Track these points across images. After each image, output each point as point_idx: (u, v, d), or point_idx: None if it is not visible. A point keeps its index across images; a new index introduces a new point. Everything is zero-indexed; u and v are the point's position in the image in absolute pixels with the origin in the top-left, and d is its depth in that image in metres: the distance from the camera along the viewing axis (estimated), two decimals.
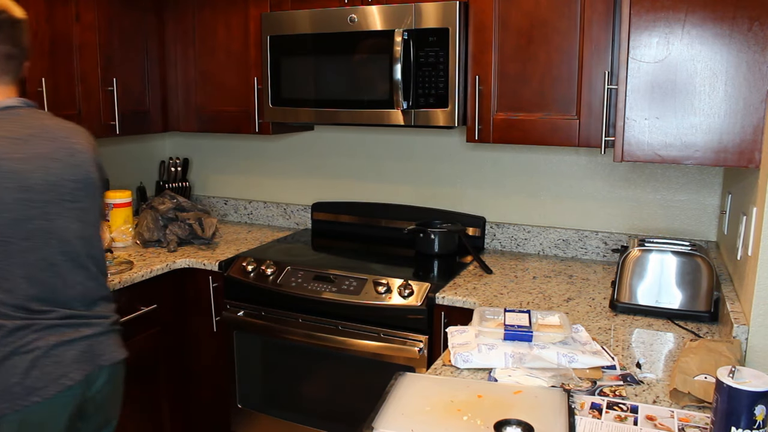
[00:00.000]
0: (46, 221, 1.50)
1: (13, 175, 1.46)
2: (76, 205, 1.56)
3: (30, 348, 1.46)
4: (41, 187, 1.49)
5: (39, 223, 1.49)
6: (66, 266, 1.55)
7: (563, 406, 1.34)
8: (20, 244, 1.47)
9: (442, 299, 2.16)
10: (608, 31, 2.13)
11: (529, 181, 2.71)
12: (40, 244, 1.49)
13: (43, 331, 1.48)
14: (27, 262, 1.48)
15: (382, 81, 2.38)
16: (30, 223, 1.48)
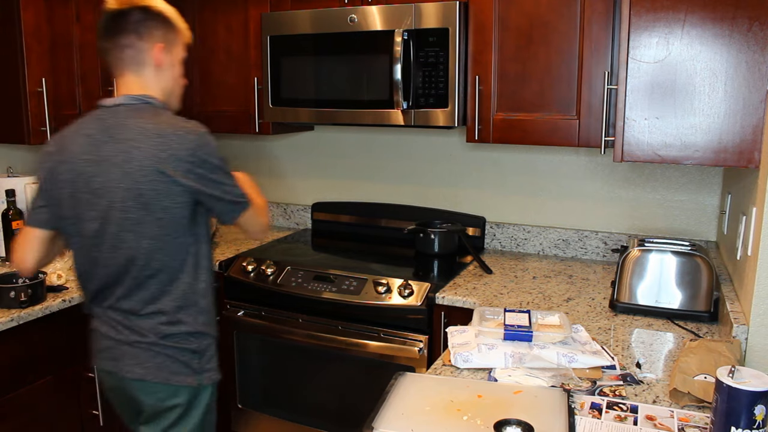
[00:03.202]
0: (103, 225, 1.53)
1: (83, 176, 1.53)
2: (127, 215, 1.51)
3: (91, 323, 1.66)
4: (101, 192, 1.52)
5: (97, 225, 1.54)
6: (119, 270, 1.56)
7: (563, 406, 1.34)
8: (85, 240, 1.56)
9: (442, 299, 2.16)
10: (608, 31, 2.13)
11: (529, 181, 2.71)
12: (98, 243, 1.55)
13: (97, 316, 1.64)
14: (89, 258, 1.58)
15: (382, 81, 2.39)
16: (92, 222, 1.54)
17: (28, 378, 2.05)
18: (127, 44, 1.55)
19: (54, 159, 1.57)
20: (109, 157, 1.51)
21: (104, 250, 1.55)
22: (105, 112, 1.57)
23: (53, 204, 1.58)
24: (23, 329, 2.00)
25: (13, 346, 1.99)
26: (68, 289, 2.18)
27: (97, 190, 1.52)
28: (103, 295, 1.60)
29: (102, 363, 1.63)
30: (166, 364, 1.56)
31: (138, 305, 1.56)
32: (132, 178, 1.49)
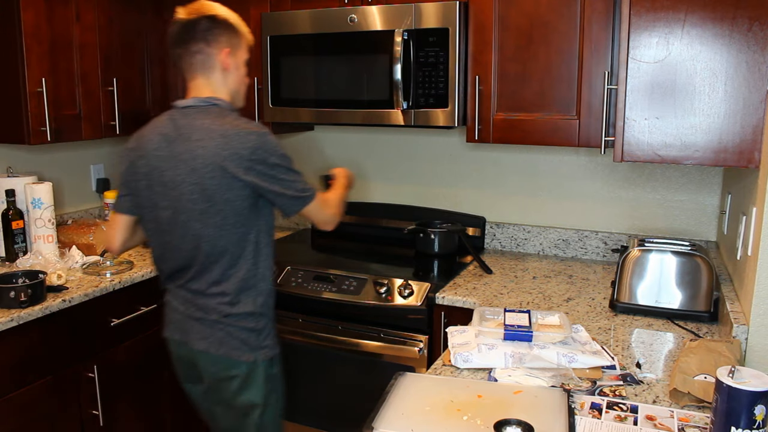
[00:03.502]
0: (174, 213, 1.72)
1: (156, 170, 1.72)
2: (195, 206, 1.69)
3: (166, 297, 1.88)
4: (171, 184, 1.70)
5: (169, 213, 1.73)
6: (189, 254, 1.74)
7: (563, 406, 1.34)
8: (160, 225, 1.76)
9: (442, 299, 2.16)
10: (608, 31, 2.13)
11: (529, 181, 2.71)
12: (169, 228, 1.74)
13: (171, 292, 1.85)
14: (163, 242, 1.78)
15: (382, 81, 2.39)
16: (164, 211, 1.73)
17: (28, 378, 2.05)
18: (197, 50, 1.72)
19: (133, 154, 1.78)
20: (178, 154, 1.69)
21: (176, 236, 1.74)
22: (177, 113, 1.75)
23: (134, 194, 1.80)
24: (23, 329, 2.00)
25: (13, 346, 1.99)
26: (68, 289, 2.18)
27: (168, 182, 1.71)
28: (176, 276, 1.80)
29: (173, 333, 1.84)
30: (226, 340, 1.74)
31: (204, 286, 1.74)
32: (198, 174, 1.66)
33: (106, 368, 2.31)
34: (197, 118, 1.70)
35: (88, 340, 2.25)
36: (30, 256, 2.35)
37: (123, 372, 2.40)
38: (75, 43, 2.50)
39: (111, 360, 2.33)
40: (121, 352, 2.38)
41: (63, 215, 2.83)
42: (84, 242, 2.58)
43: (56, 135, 2.43)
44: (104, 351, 2.31)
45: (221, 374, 1.76)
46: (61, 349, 2.15)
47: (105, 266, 2.40)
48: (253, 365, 1.75)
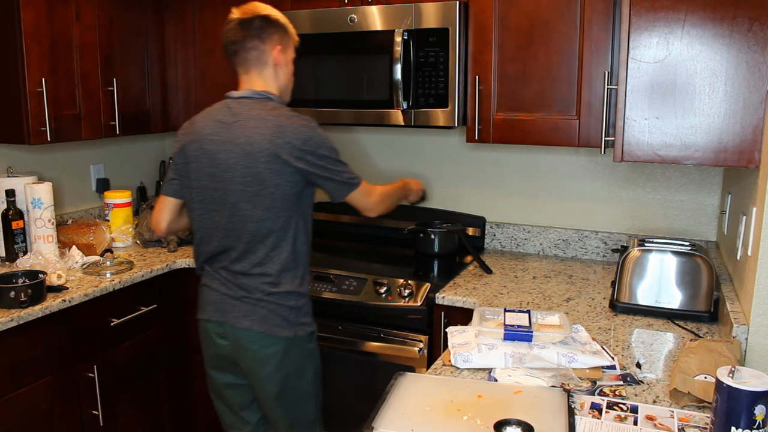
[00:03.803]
0: (224, 194, 1.82)
1: (209, 153, 1.82)
2: (247, 188, 1.79)
3: (202, 280, 1.94)
4: (223, 167, 1.81)
5: (220, 195, 1.83)
6: (235, 235, 1.83)
7: (563, 406, 1.34)
8: (207, 206, 1.86)
9: (442, 299, 2.16)
10: (608, 31, 2.13)
11: (529, 181, 2.71)
12: (218, 209, 1.84)
13: (208, 274, 1.92)
14: (208, 223, 1.87)
15: (382, 81, 2.39)
16: (215, 192, 1.83)
17: (28, 378, 2.05)
18: (252, 47, 1.84)
19: (185, 138, 1.88)
20: (233, 138, 1.79)
21: (224, 216, 1.83)
22: (232, 102, 1.86)
23: (183, 176, 1.90)
24: (23, 329, 2.00)
25: (13, 346, 1.99)
26: (68, 289, 2.18)
27: (220, 165, 1.81)
28: (219, 257, 1.87)
29: (211, 314, 1.89)
30: (269, 317, 1.83)
31: (247, 267, 1.83)
32: (252, 158, 1.77)
33: (106, 368, 2.31)
34: (253, 108, 1.83)
35: (88, 340, 2.25)
36: (30, 256, 2.35)
37: (123, 372, 2.40)
38: (75, 43, 2.50)
39: (111, 360, 2.33)
40: (121, 352, 2.39)
41: (63, 215, 2.83)
42: (84, 242, 2.58)
43: (56, 135, 2.43)
44: (104, 351, 2.31)
45: (261, 352, 1.84)
46: (61, 349, 2.15)
47: (105, 266, 2.40)
48: (293, 340, 1.85)
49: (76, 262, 2.44)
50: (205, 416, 2.76)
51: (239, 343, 1.85)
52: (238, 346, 1.86)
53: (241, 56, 1.85)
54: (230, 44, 1.85)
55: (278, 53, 1.86)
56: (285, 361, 1.86)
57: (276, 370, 1.85)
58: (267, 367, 1.85)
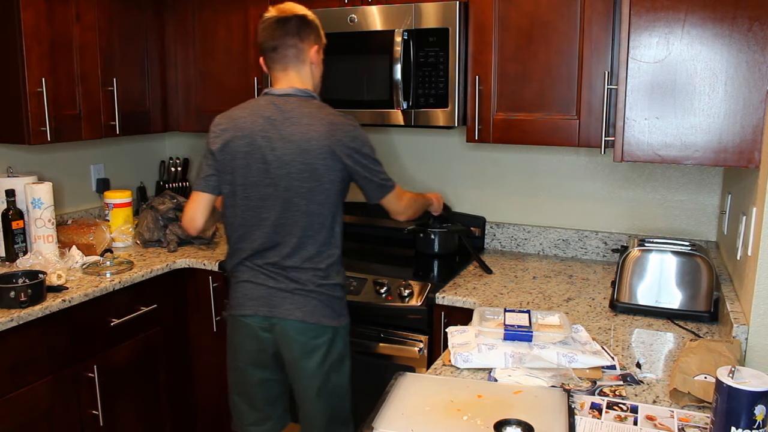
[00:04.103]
0: (277, 190, 1.85)
1: (261, 150, 1.84)
2: (303, 184, 1.83)
3: (239, 277, 1.93)
4: (276, 163, 1.83)
5: (272, 191, 1.85)
6: (286, 229, 1.86)
7: (563, 406, 1.34)
8: (253, 203, 1.87)
9: (442, 299, 2.16)
10: (608, 31, 2.13)
11: (529, 181, 2.71)
12: (267, 205, 1.86)
13: (249, 270, 1.91)
14: (254, 219, 1.88)
15: (382, 81, 2.39)
16: (266, 188, 1.85)
17: (28, 378, 2.05)
18: (292, 45, 1.88)
19: (229, 134, 1.87)
20: (288, 135, 1.83)
21: (275, 212, 1.85)
22: (277, 99, 1.88)
23: (225, 172, 1.89)
24: (23, 329, 2.00)
25: (13, 346, 1.99)
26: (68, 289, 2.18)
27: (274, 161, 1.83)
28: (265, 253, 1.89)
29: (257, 309, 1.89)
30: (318, 308, 1.88)
31: (299, 262, 1.87)
32: (310, 154, 1.82)
33: (106, 368, 2.31)
34: (301, 106, 1.87)
35: (88, 340, 2.25)
36: (30, 256, 2.35)
37: (123, 372, 2.40)
38: (75, 43, 2.50)
39: (111, 360, 2.33)
40: (121, 352, 2.38)
41: (63, 215, 2.83)
42: (84, 242, 2.58)
43: (56, 135, 2.43)
44: (104, 351, 2.31)
45: (310, 343, 1.87)
46: (61, 349, 2.15)
47: (105, 266, 2.40)
48: (337, 330, 1.91)
49: (76, 262, 2.44)
50: (205, 416, 2.76)
51: (287, 335, 1.87)
52: (285, 339, 1.88)
53: (281, 53, 1.88)
54: (269, 40, 1.88)
55: (315, 53, 1.92)
56: (330, 352, 1.90)
57: (321, 362, 1.89)
58: (314, 359, 1.88)
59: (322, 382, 1.90)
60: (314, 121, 1.85)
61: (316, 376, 1.89)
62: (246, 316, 1.91)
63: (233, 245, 1.95)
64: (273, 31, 1.87)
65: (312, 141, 1.82)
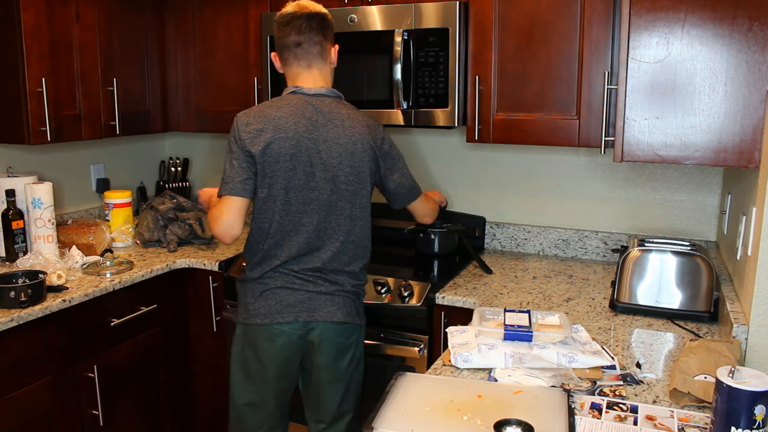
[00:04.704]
0: (321, 194, 1.81)
1: (306, 152, 1.79)
2: (348, 187, 1.82)
3: (269, 284, 1.84)
4: (323, 166, 1.80)
5: (316, 195, 1.81)
6: (328, 234, 1.83)
7: (563, 406, 1.34)
8: (294, 207, 1.81)
9: (442, 299, 2.16)
10: (608, 31, 2.13)
11: (529, 181, 2.71)
12: (309, 210, 1.81)
13: (284, 276, 1.83)
14: (300, 222, 1.81)
15: (382, 81, 2.38)
16: (311, 192, 1.80)
17: (28, 378, 2.05)
18: (317, 41, 1.85)
19: (270, 135, 1.77)
20: (334, 137, 1.80)
21: (318, 216, 1.82)
22: (313, 99, 1.84)
23: (264, 176, 1.79)
24: (23, 329, 2.00)
25: (13, 346, 1.99)
26: (68, 289, 2.18)
27: (319, 164, 1.79)
28: (303, 258, 1.83)
29: (297, 315, 1.82)
30: (352, 307, 1.90)
31: (339, 265, 1.86)
32: (357, 157, 1.82)
33: (106, 368, 2.31)
34: (338, 107, 1.86)
35: (88, 340, 2.25)
36: (30, 256, 2.35)
37: (123, 372, 2.40)
38: (75, 43, 2.50)
39: (111, 360, 2.33)
40: (121, 352, 2.39)
41: (63, 215, 2.83)
42: (84, 242, 2.58)
43: (56, 135, 2.43)
44: (104, 351, 2.31)
45: (344, 343, 1.88)
46: (61, 349, 2.15)
47: (105, 266, 2.40)
48: (362, 328, 1.96)
49: (76, 262, 2.44)
50: (204, 416, 2.76)
51: (326, 338, 1.85)
52: (322, 342, 1.85)
53: (306, 50, 1.84)
54: (292, 36, 1.83)
55: (335, 52, 1.91)
56: (357, 350, 1.93)
57: (350, 360, 1.91)
58: (345, 359, 1.89)
59: (348, 381, 1.92)
60: (356, 123, 1.84)
61: (344, 376, 1.90)
62: (282, 324, 1.83)
63: (264, 252, 1.84)
64: (298, 27, 1.82)
65: (357, 144, 1.81)
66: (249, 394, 1.91)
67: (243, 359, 1.90)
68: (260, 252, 1.85)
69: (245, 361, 1.89)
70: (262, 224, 1.83)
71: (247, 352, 1.88)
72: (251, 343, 1.87)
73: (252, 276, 1.87)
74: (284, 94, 1.87)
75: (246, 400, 1.92)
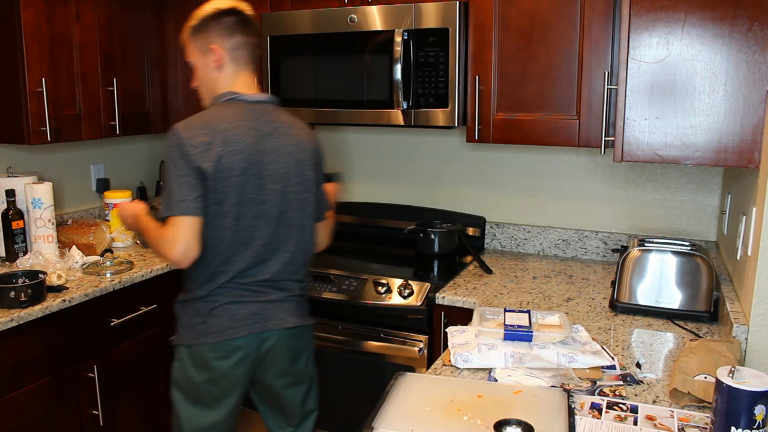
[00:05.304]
0: (271, 206, 1.74)
1: (256, 164, 1.70)
2: (297, 197, 1.78)
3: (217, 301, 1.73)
4: (272, 177, 1.73)
5: (266, 208, 1.73)
6: (277, 246, 1.77)
7: (563, 406, 1.34)
8: (245, 221, 1.72)
9: (442, 299, 2.16)
10: (608, 31, 2.13)
11: (529, 181, 2.71)
12: (260, 224, 1.73)
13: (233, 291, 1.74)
14: (251, 237, 1.73)
15: (382, 81, 2.39)
16: (261, 205, 1.73)
17: (28, 378, 2.05)
18: (255, 44, 1.79)
19: (220, 149, 1.65)
20: (280, 147, 1.74)
21: (269, 229, 1.74)
22: (254, 107, 1.76)
23: (215, 191, 1.67)
24: (23, 329, 2.00)
25: (13, 346, 1.99)
26: (68, 289, 2.18)
27: (269, 176, 1.72)
28: (251, 271, 1.75)
29: (246, 329, 1.74)
30: (304, 310, 1.88)
31: (288, 275, 1.81)
32: (303, 165, 1.78)
33: (106, 368, 2.31)
34: (280, 114, 1.80)
35: (88, 340, 2.25)
36: (30, 256, 2.35)
37: (123, 372, 2.40)
38: (75, 43, 2.50)
39: (111, 360, 2.33)
40: (121, 352, 2.38)
41: (63, 215, 2.83)
42: (84, 242, 2.58)
43: (56, 135, 2.43)
44: (104, 351, 2.31)
45: (300, 346, 1.86)
46: (61, 349, 2.15)
47: (105, 266, 2.40)
48: (312, 327, 1.93)
49: (76, 262, 2.44)
50: None
51: (282, 344, 1.81)
52: (279, 349, 1.80)
53: (249, 51, 1.76)
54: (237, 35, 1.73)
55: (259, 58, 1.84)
56: (311, 348, 1.92)
57: (307, 359, 1.90)
58: (302, 359, 1.88)
59: (309, 380, 1.93)
60: (299, 131, 1.80)
61: (303, 377, 1.90)
62: (237, 339, 1.73)
63: (212, 269, 1.72)
64: (242, 26, 1.73)
65: (304, 152, 1.78)
66: (199, 420, 1.78)
67: (190, 384, 1.76)
68: (208, 269, 1.73)
69: (193, 386, 1.76)
70: (211, 241, 1.69)
71: (195, 376, 1.74)
72: (202, 365, 1.73)
73: (198, 295, 1.74)
74: (223, 102, 1.74)
75: (196, 426, 1.79)
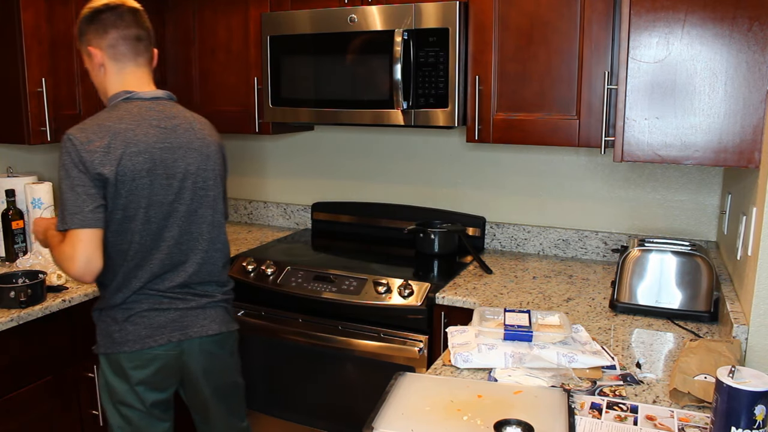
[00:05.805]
0: (181, 205, 1.69)
1: (162, 163, 1.65)
2: (208, 192, 1.74)
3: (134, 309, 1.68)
4: (181, 175, 1.68)
5: (176, 207, 1.68)
6: (190, 245, 1.73)
7: (563, 406, 1.34)
8: (153, 224, 1.66)
9: (442, 299, 2.16)
10: (608, 31, 2.13)
11: (529, 181, 2.71)
12: (169, 224, 1.68)
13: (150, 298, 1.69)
14: (161, 237, 1.68)
15: (382, 81, 2.38)
16: (169, 205, 1.67)
17: (28, 378, 2.05)
18: (144, 37, 1.71)
19: (120, 151, 1.58)
20: (186, 143, 1.69)
21: (179, 228, 1.70)
22: (153, 104, 1.70)
23: (118, 197, 1.59)
24: (23, 329, 2.00)
25: (13, 346, 1.99)
26: (68, 289, 2.18)
27: (177, 174, 1.67)
28: (166, 275, 1.71)
29: (165, 337, 1.70)
30: (227, 317, 1.83)
31: (206, 276, 1.76)
32: (210, 160, 1.74)
33: None
34: (180, 110, 1.76)
35: (88, 340, 2.24)
36: (30, 256, 2.35)
37: None
38: (75, 43, 2.49)
39: None
40: None
41: None
42: None
43: (56, 135, 2.43)
44: None
45: (224, 353, 1.83)
46: (61, 349, 2.15)
47: None
48: (236, 334, 1.90)
49: None
50: None
51: (205, 352, 1.76)
52: (201, 357, 1.76)
53: (130, 45, 1.67)
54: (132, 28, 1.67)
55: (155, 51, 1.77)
56: (235, 355, 1.89)
57: (234, 366, 1.88)
58: (228, 367, 1.85)
59: (232, 387, 1.89)
60: (202, 125, 1.76)
61: (228, 384, 1.87)
62: (155, 348, 1.68)
63: (123, 275, 1.67)
64: (116, 21, 1.65)
65: (210, 146, 1.75)
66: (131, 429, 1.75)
67: (114, 394, 1.73)
68: (119, 275, 1.67)
69: (117, 395, 1.73)
70: (119, 246, 1.64)
71: (118, 386, 1.72)
72: (121, 374, 1.70)
73: (113, 302, 1.69)
74: (117, 102, 1.68)
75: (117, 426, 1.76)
